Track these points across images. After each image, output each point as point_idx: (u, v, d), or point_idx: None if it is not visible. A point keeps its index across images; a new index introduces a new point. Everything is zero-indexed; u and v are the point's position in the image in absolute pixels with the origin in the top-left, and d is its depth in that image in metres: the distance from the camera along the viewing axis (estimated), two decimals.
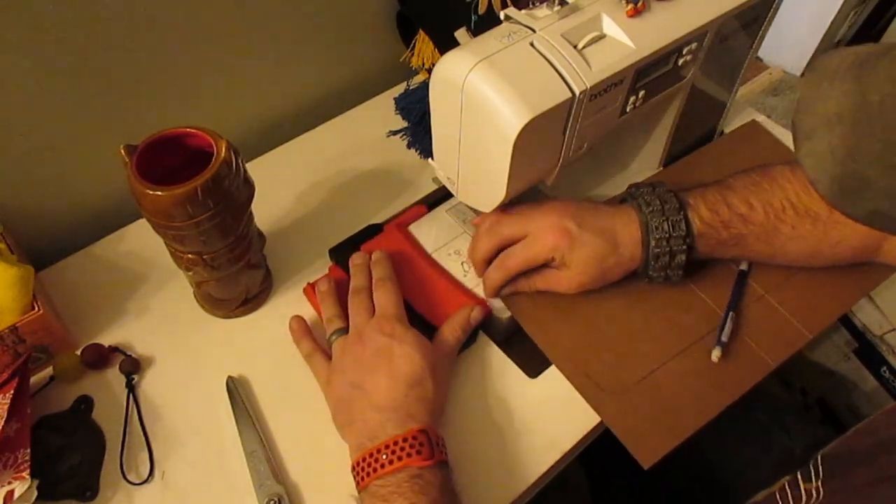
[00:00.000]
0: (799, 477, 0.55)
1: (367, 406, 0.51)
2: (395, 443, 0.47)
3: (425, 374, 0.52)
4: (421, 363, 0.52)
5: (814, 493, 0.53)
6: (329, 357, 0.57)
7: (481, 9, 0.72)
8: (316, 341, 0.59)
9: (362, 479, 0.48)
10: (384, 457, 0.47)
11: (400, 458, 0.47)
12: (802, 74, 1.02)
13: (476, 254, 0.61)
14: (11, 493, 0.49)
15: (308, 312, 0.63)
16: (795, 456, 0.71)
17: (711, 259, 0.61)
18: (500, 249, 0.60)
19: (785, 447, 0.72)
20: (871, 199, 0.28)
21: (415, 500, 0.45)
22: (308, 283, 0.64)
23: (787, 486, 0.56)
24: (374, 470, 0.47)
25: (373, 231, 0.68)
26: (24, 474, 0.50)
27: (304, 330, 0.60)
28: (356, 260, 0.62)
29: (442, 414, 0.55)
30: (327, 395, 0.55)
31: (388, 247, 0.64)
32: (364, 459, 0.48)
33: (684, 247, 0.56)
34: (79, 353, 0.60)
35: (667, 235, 0.56)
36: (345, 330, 0.57)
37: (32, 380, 0.59)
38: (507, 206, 0.60)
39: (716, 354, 0.58)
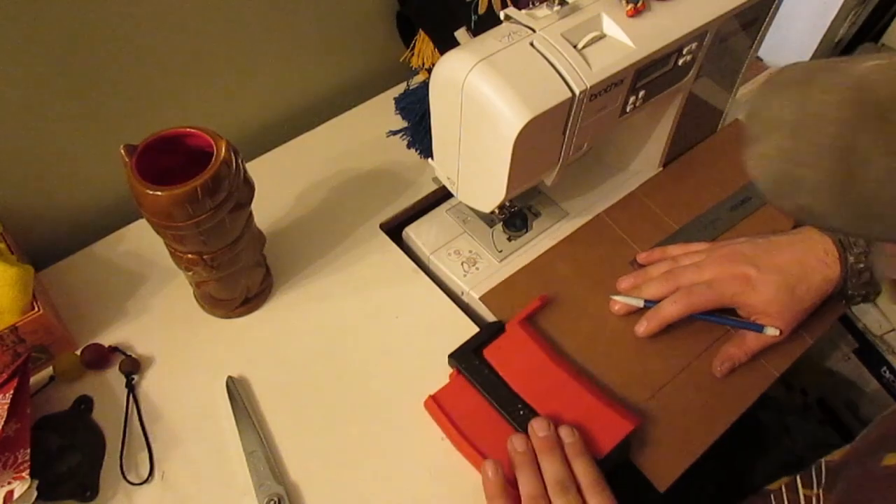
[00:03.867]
0: (798, 482, 0.55)
1: None
2: None
3: None
4: None
5: (814, 500, 0.52)
6: None
7: (481, 9, 0.72)
8: None
9: None
10: None
11: None
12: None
13: (654, 293, 0.60)
14: (11, 493, 0.49)
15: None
16: (795, 456, 0.71)
17: None
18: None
19: (785, 447, 0.72)
20: (801, 196, 0.32)
21: None
22: (430, 396, 0.56)
23: (783, 490, 0.56)
24: None
25: (493, 331, 0.60)
26: (24, 474, 0.50)
27: (500, 488, 0.48)
28: (517, 447, 0.50)
29: None
30: None
31: (514, 349, 0.58)
32: None
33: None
34: (79, 353, 0.60)
35: (864, 250, 0.54)
36: None
37: (32, 380, 0.59)
38: (682, 244, 0.64)
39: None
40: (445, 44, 0.63)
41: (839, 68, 0.33)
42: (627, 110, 0.57)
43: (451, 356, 0.58)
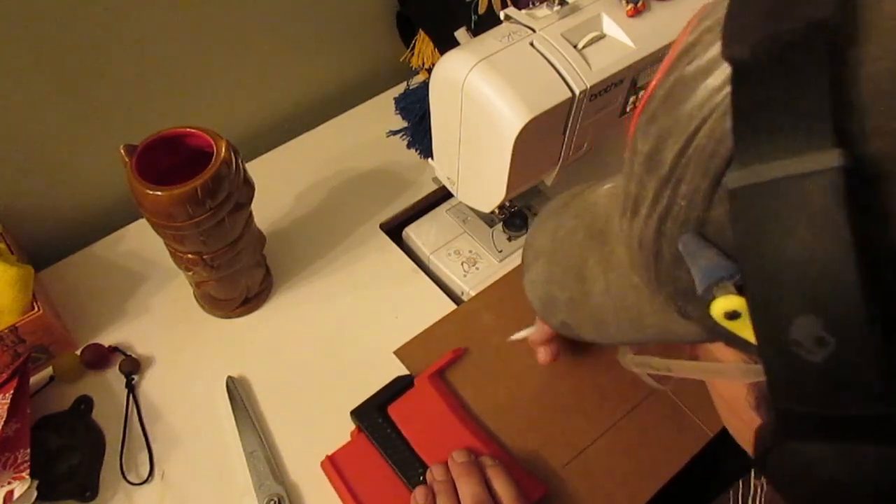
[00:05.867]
0: (752, 472, 0.55)
1: None
2: None
3: None
4: None
5: (759, 488, 0.52)
6: None
7: (481, 9, 0.72)
8: None
9: None
10: None
11: None
12: None
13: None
14: (11, 493, 0.49)
15: None
16: None
17: None
18: None
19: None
20: (559, 313, 0.36)
21: None
22: (327, 457, 0.54)
23: (741, 483, 0.56)
24: None
25: (401, 386, 0.57)
26: (24, 474, 0.50)
27: None
28: (437, 475, 0.50)
29: None
30: None
31: (422, 407, 0.55)
32: None
33: None
34: (79, 353, 0.60)
35: None
36: None
37: (32, 380, 0.59)
38: None
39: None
40: (445, 44, 0.62)
41: (584, 195, 0.37)
42: (627, 110, 0.57)
43: (352, 413, 0.55)
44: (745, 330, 0.22)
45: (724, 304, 0.22)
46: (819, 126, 0.19)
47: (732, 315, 0.22)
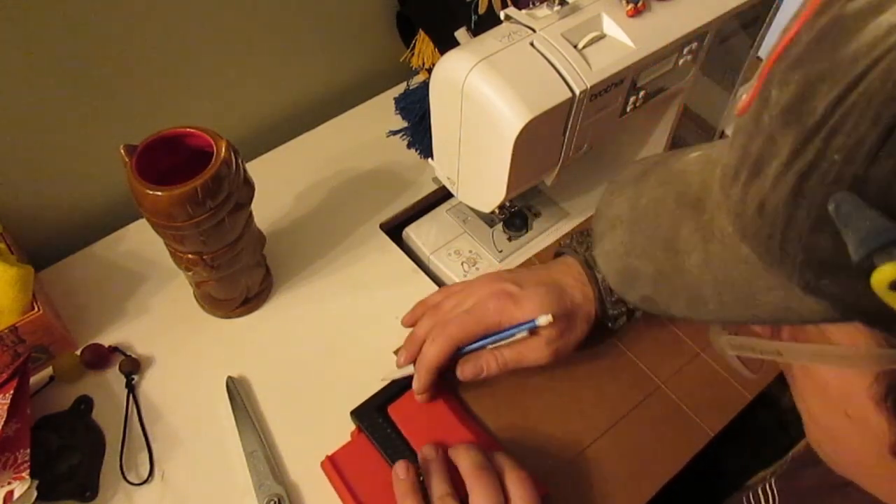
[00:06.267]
0: (771, 480, 0.55)
1: None
2: None
3: None
4: None
5: (772, 496, 0.52)
6: None
7: (481, 9, 0.72)
8: None
9: None
10: None
11: None
12: None
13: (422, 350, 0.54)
14: (11, 493, 0.49)
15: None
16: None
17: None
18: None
19: (784, 446, 0.72)
20: (642, 287, 0.33)
21: None
22: (327, 457, 0.54)
23: (759, 490, 0.56)
24: None
25: (401, 385, 0.57)
26: (23, 474, 0.50)
27: (410, 487, 0.48)
28: (428, 454, 0.50)
29: None
30: None
31: (422, 407, 0.55)
32: None
33: None
34: (79, 353, 0.60)
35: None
36: None
37: (32, 380, 0.59)
38: (442, 289, 0.57)
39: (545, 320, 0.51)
40: (445, 44, 0.62)
41: (668, 163, 0.34)
42: (627, 110, 0.57)
43: (352, 413, 0.55)
44: None
45: (891, 272, 0.19)
46: None
47: None
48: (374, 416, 0.55)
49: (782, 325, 0.29)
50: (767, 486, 0.52)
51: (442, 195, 0.74)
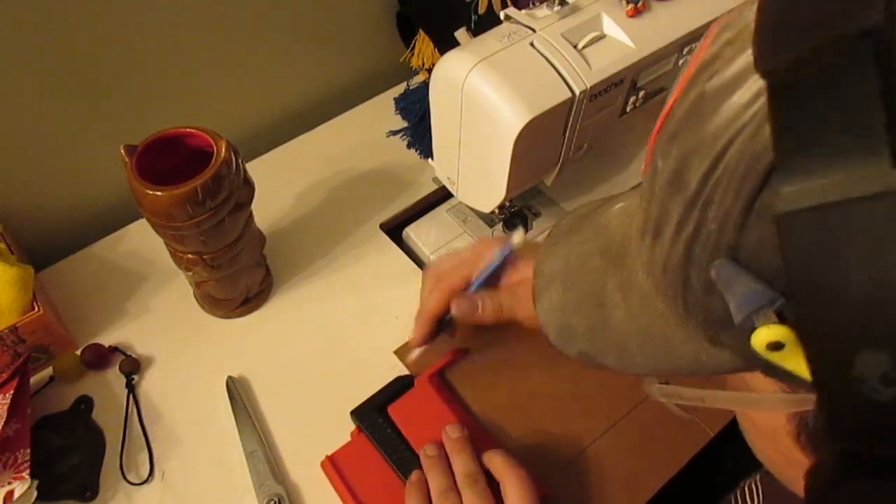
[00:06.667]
0: (756, 477, 0.55)
1: None
2: None
3: None
4: None
5: (757, 491, 0.52)
6: None
7: (481, 9, 0.72)
8: None
9: None
10: None
11: None
12: None
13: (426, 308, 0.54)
14: (11, 493, 0.49)
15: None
16: None
17: None
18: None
19: None
20: (579, 342, 0.34)
21: None
22: (327, 457, 0.54)
23: (745, 487, 0.56)
24: None
25: (401, 386, 0.57)
26: (24, 474, 0.50)
27: (412, 484, 0.50)
28: (429, 452, 0.51)
29: None
30: None
31: (422, 407, 0.55)
32: None
33: None
34: (79, 353, 0.60)
35: None
36: None
37: (32, 380, 0.59)
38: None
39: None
40: (445, 44, 0.62)
41: (596, 214, 0.35)
42: (627, 110, 0.57)
43: (352, 413, 0.55)
44: (789, 361, 0.21)
45: (766, 334, 0.21)
46: (878, 144, 0.17)
47: (776, 346, 0.21)
48: (374, 416, 0.55)
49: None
50: (753, 484, 0.52)
51: (442, 195, 0.74)
